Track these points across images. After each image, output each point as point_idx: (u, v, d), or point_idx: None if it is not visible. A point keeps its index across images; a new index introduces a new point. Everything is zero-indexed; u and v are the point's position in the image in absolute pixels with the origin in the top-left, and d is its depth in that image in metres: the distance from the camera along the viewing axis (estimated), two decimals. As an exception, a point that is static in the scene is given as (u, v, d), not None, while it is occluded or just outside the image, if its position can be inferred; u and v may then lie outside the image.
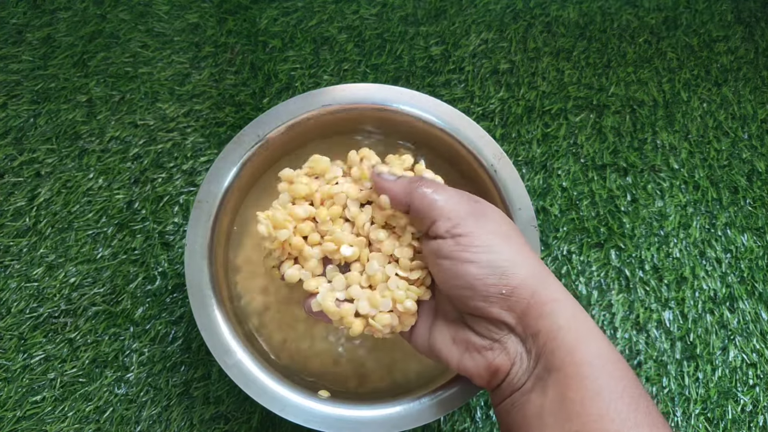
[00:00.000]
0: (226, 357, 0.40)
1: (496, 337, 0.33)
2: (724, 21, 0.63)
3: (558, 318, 0.32)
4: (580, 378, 0.30)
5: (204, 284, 0.42)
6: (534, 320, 0.32)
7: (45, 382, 0.49)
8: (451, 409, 0.40)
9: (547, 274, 0.33)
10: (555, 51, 0.61)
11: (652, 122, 0.58)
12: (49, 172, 0.54)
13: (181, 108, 0.57)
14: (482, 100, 0.59)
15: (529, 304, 0.32)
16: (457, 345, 0.35)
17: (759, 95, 0.60)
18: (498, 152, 0.45)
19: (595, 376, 0.30)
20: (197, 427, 0.48)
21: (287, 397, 0.40)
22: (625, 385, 0.30)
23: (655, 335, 0.52)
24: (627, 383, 0.30)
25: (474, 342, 0.34)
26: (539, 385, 0.31)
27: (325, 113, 0.46)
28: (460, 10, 0.62)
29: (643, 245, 0.54)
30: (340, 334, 0.46)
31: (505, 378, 0.33)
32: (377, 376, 0.45)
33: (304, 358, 0.45)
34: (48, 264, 0.52)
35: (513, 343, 0.33)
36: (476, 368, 0.34)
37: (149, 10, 0.61)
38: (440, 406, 0.40)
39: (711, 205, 0.56)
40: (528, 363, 0.32)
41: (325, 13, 0.61)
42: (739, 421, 0.49)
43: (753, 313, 0.52)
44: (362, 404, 0.40)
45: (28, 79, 0.58)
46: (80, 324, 0.50)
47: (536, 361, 0.32)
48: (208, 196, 0.43)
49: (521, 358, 0.33)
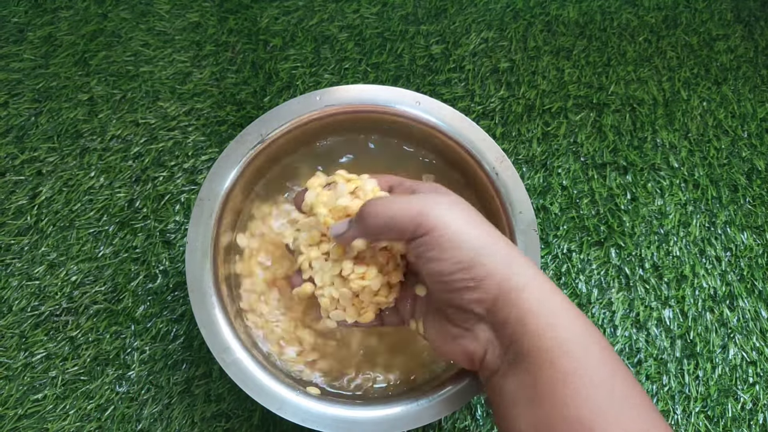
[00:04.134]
0: (225, 355, 0.40)
1: (466, 326, 0.34)
2: (724, 20, 0.63)
3: (525, 303, 0.32)
4: (548, 364, 0.30)
5: (204, 282, 0.42)
6: (502, 309, 0.32)
7: (46, 380, 0.49)
8: (450, 411, 0.40)
9: (517, 258, 0.33)
10: (555, 50, 0.61)
11: (652, 121, 0.58)
12: (50, 171, 0.54)
13: (183, 107, 0.57)
14: (482, 98, 0.59)
15: (498, 292, 0.32)
16: (441, 334, 0.37)
17: (758, 94, 0.60)
18: (499, 155, 0.45)
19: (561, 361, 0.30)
20: (198, 425, 0.48)
21: (285, 395, 0.40)
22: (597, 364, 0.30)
23: (655, 333, 0.52)
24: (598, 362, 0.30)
25: (449, 330, 0.36)
26: (512, 370, 0.32)
27: (327, 113, 0.46)
28: (460, 9, 0.62)
29: (643, 243, 0.54)
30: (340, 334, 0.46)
31: (482, 363, 0.35)
32: (377, 378, 0.45)
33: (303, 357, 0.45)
34: (49, 262, 0.52)
35: (483, 330, 0.34)
36: (455, 354, 0.36)
37: (150, 9, 0.61)
38: (439, 407, 0.40)
39: (711, 204, 0.56)
40: (499, 349, 0.33)
41: (325, 12, 0.61)
42: (739, 419, 0.49)
43: (753, 311, 0.52)
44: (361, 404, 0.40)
45: (30, 77, 0.58)
46: (81, 322, 0.50)
47: (507, 348, 0.33)
48: (210, 195, 0.43)
49: (493, 345, 0.34)
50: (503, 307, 0.32)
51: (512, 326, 0.32)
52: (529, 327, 0.32)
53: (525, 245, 0.43)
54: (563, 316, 0.32)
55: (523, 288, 0.32)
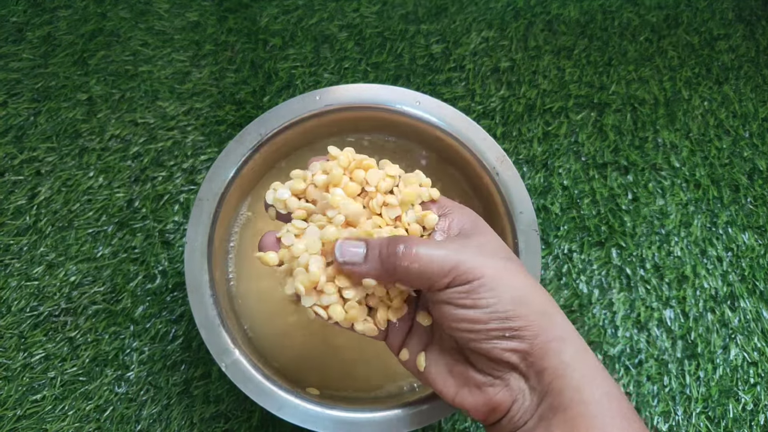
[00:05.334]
0: (224, 356, 0.40)
1: (497, 374, 0.32)
2: (725, 19, 0.63)
3: (564, 355, 0.30)
4: (588, 417, 0.29)
5: (203, 283, 0.42)
6: (539, 359, 0.31)
7: (45, 380, 0.49)
8: (450, 412, 0.40)
9: (553, 308, 0.32)
10: (556, 49, 0.61)
11: (653, 120, 0.58)
12: (49, 171, 0.54)
13: (182, 106, 0.57)
14: (483, 98, 0.58)
15: (534, 343, 0.31)
16: (454, 377, 0.33)
17: (760, 93, 0.60)
18: (500, 155, 0.44)
19: (603, 416, 0.29)
20: (197, 425, 0.48)
21: (285, 396, 0.40)
22: (631, 425, 0.30)
23: (656, 334, 0.51)
24: (634, 424, 0.30)
25: (474, 378, 0.32)
26: (543, 424, 0.30)
27: (327, 113, 0.45)
28: (460, 9, 0.62)
29: (644, 244, 0.54)
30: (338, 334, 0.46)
31: (505, 415, 0.32)
32: (376, 379, 0.45)
33: (303, 358, 0.45)
34: (48, 262, 0.52)
35: (516, 380, 0.31)
36: (474, 404, 0.32)
37: (149, 9, 0.61)
38: (439, 408, 0.40)
39: (712, 204, 0.56)
40: (531, 401, 0.31)
41: (325, 12, 0.61)
42: (740, 419, 0.49)
43: (754, 312, 0.52)
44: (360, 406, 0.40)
45: (29, 77, 0.58)
46: (80, 323, 0.50)
47: (540, 399, 0.31)
48: (209, 195, 0.43)
49: (524, 396, 0.31)
50: (543, 356, 0.30)
51: (550, 377, 0.30)
52: (569, 379, 0.30)
53: (525, 245, 0.42)
54: (599, 371, 0.31)
55: (563, 339, 0.31)
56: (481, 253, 0.32)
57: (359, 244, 0.33)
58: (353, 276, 0.33)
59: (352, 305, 0.33)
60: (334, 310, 0.33)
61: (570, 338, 0.31)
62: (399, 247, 0.31)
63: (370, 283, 0.32)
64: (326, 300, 0.33)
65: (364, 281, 0.32)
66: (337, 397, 0.43)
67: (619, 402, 0.30)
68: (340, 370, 0.45)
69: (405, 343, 0.35)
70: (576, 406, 0.29)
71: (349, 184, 0.35)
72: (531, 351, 0.31)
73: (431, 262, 0.31)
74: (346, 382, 0.44)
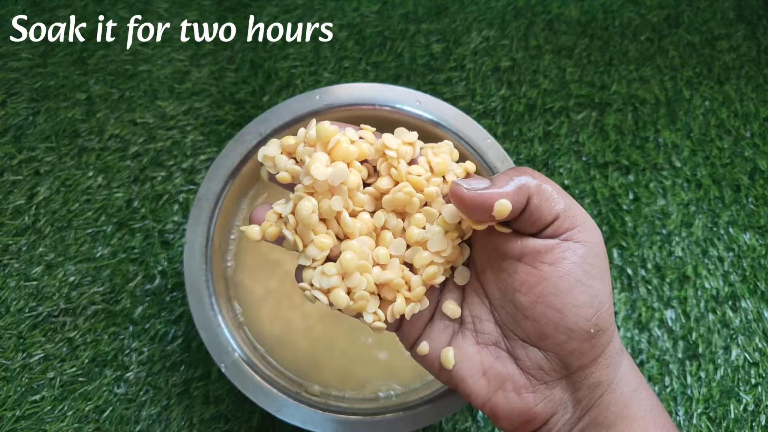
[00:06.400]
0: (224, 356, 0.40)
1: (546, 379, 0.28)
2: (726, 19, 0.63)
3: (620, 368, 0.28)
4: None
5: (203, 283, 0.41)
6: (601, 369, 0.28)
7: (44, 381, 0.48)
8: (451, 412, 0.40)
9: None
10: (556, 49, 0.61)
11: (654, 120, 0.58)
12: (48, 171, 0.54)
13: (181, 106, 0.57)
14: (483, 97, 0.58)
15: (604, 351, 0.28)
16: (488, 378, 0.29)
17: (761, 93, 0.60)
18: (501, 154, 0.44)
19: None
20: (197, 426, 0.48)
21: (285, 398, 0.39)
22: None
23: (657, 334, 0.51)
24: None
25: (516, 379, 0.28)
26: None
27: (327, 112, 0.45)
28: (461, 8, 0.62)
29: (645, 244, 0.54)
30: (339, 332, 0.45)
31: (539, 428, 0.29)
32: (376, 380, 0.45)
33: (303, 359, 0.45)
34: (47, 263, 0.51)
35: (560, 389, 0.28)
36: (508, 412, 0.28)
37: (149, 8, 0.61)
38: (440, 408, 0.40)
39: (713, 204, 0.56)
40: (572, 414, 0.28)
41: (325, 11, 0.61)
42: (741, 420, 0.49)
43: (755, 312, 0.52)
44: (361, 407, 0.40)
45: (27, 77, 0.57)
46: (79, 323, 0.50)
47: (583, 413, 0.28)
48: (209, 194, 0.43)
49: (565, 408, 0.28)
50: (604, 367, 0.28)
51: (602, 390, 0.28)
52: (620, 394, 0.28)
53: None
54: (644, 384, 0.29)
55: (623, 351, 0.29)
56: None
57: (479, 178, 0.28)
58: (485, 204, 0.27)
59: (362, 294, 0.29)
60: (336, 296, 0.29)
61: (625, 349, 0.29)
62: (520, 170, 0.28)
63: (505, 210, 0.27)
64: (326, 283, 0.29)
65: (501, 205, 0.27)
66: (337, 398, 0.42)
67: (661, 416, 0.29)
68: (340, 371, 0.44)
69: (424, 335, 0.30)
70: (622, 423, 0.27)
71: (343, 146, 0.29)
72: (597, 359, 0.28)
73: (562, 196, 0.27)
74: (347, 383, 0.44)
